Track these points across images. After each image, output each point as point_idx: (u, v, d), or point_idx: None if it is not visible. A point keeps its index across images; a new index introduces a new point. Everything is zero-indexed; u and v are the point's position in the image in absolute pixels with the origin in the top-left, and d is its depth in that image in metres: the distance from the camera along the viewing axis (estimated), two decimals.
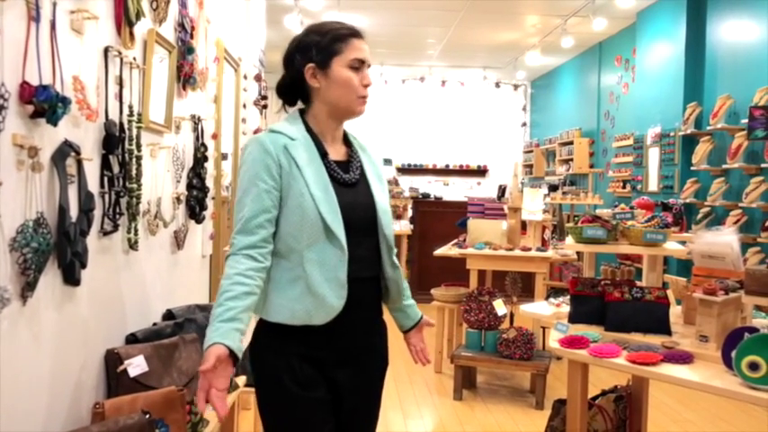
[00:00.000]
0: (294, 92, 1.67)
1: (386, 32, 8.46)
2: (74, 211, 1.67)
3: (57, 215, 1.60)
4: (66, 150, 1.64)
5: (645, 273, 3.05)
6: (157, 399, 1.91)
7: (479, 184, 11.83)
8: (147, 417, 1.77)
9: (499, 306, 4.23)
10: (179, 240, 2.71)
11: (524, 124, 12.12)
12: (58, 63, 1.60)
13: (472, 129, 11.72)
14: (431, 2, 7.18)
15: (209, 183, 3.13)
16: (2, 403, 1.43)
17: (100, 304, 1.94)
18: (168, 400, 1.93)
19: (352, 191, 1.63)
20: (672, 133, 6.38)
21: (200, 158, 2.91)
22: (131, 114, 2.07)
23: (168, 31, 2.48)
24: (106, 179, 1.93)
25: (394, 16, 7.82)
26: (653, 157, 6.81)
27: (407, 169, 11.61)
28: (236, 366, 1.43)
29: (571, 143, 9.25)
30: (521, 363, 4.07)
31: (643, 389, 2.74)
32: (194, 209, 2.87)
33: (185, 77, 2.67)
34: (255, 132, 4.72)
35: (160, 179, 2.45)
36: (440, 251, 4.95)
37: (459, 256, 4.61)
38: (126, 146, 2.04)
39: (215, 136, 3.39)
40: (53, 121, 1.53)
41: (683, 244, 2.94)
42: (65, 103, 1.55)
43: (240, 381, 2.69)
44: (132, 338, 2.13)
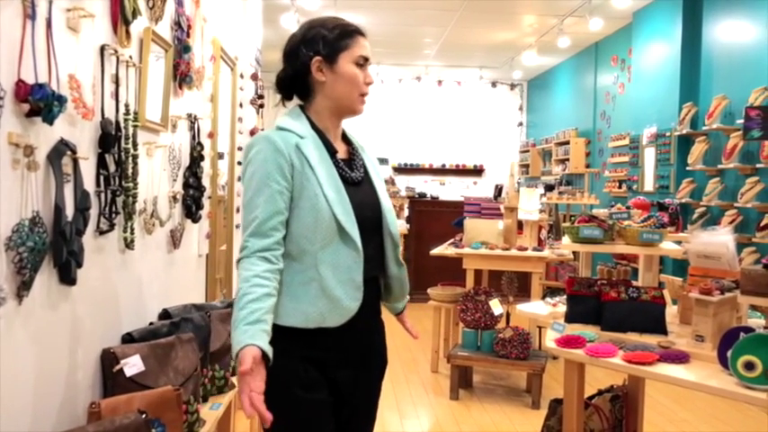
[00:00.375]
0: (295, 86, 1.64)
1: (382, 32, 8.45)
2: (70, 210, 1.66)
3: (52, 214, 1.59)
4: (62, 149, 1.63)
5: (641, 273, 3.05)
6: (154, 398, 1.90)
7: (476, 183, 11.84)
8: (144, 416, 1.76)
9: (495, 306, 4.24)
10: (175, 239, 2.71)
11: (521, 124, 12.14)
12: (53, 61, 1.59)
13: (469, 128, 11.74)
14: (427, 1, 7.18)
15: (205, 182, 3.13)
16: None
17: (96, 303, 1.93)
18: (165, 399, 1.93)
19: (359, 190, 1.61)
20: (668, 133, 6.40)
21: (196, 157, 2.90)
22: (127, 113, 2.07)
23: (165, 29, 2.47)
24: (102, 178, 1.92)
25: (391, 16, 7.82)
26: (649, 157, 6.83)
27: (404, 169, 11.61)
28: (230, 366, 1.42)
29: (567, 143, 9.27)
30: (517, 362, 4.07)
31: (639, 388, 2.75)
32: (190, 208, 2.86)
33: (182, 76, 2.66)
34: (252, 131, 4.71)
35: (156, 178, 2.45)
36: (436, 251, 4.95)
37: (456, 255, 4.61)
38: (122, 145, 2.03)
39: (211, 135, 3.39)
40: (49, 120, 1.53)
41: (678, 244, 2.95)
42: (61, 101, 1.54)
43: (236, 380, 2.68)
44: (128, 338, 2.12)
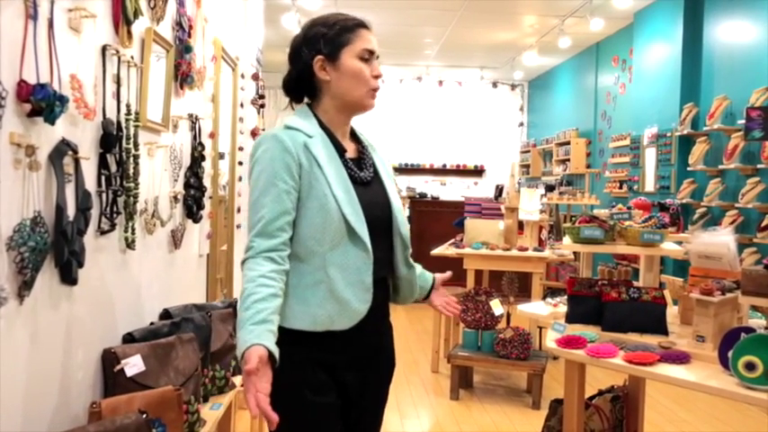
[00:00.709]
0: (301, 87, 1.61)
1: (383, 32, 8.45)
2: (71, 210, 1.67)
3: (54, 214, 1.60)
4: (64, 149, 1.63)
5: (642, 273, 3.05)
6: (154, 398, 1.90)
7: (476, 183, 11.84)
8: (144, 416, 1.76)
9: (496, 306, 4.24)
10: (176, 239, 2.71)
11: (521, 124, 12.13)
12: (55, 61, 1.59)
13: (469, 129, 11.73)
14: (428, 1, 7.18)
15: (206, 182, 3.13)
16: None
17: (97, 303, 1.93)
18: (165, 399, 1.93)
19: (368, 190, 1.57)
20: (668, 134, 6.40)
21: (197, 157, 2.90)
22: (129, 113, 2.07)
23: (166, 29, 2.47)
24: (103, 178, 1.92)
25: (391, 16, 7.82)
26: (650, 157, 6.83)
27: (405, 169, 11.61)
28: (231, 366, 1.39)
29: (568, 143, 9.26)
30: (517, 363, 4.07)
31: (640, 389, 2.75)
32: (191, 208, 2.86)
33: (183, 76, 2.66)
34: (253, 132, 4.71)
35: (157, 178, 2.45)
36: (437, 251, 4.95)
37: (456, 255, 4.61)
38: (123, 145, 2.03)
39: (212, 135, 3.39)
40: (50, 120, 1.53)
41: (679, 244, 2.94)
42: (62, 101, 1.55)
43: (237, 380, 2.68)
44: (129, 338, 2.12)
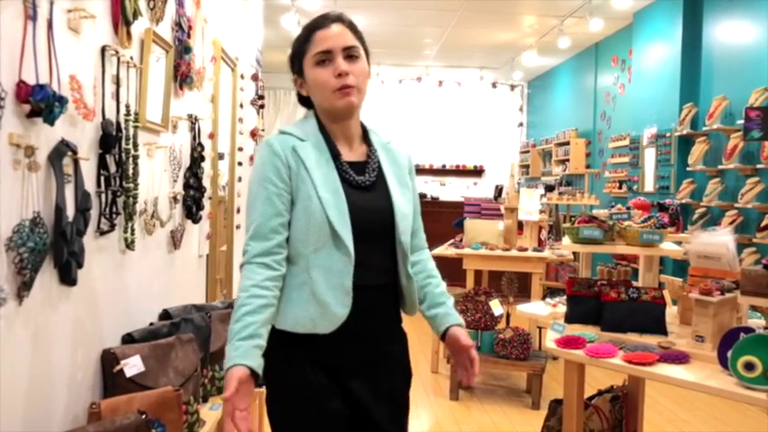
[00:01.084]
0: (302, 101, 1.64)
1: (383, 32, 8.46)
2: (70, 211, 1.67)
3: (53, 215, 1.60)
4: (63, 150, 1.64)
5: (641, 273, 3.05)
6: (154, 399, 1.90)
7: (476, 184, 11.83)
8: (144, 417, 1.77)
9: (495, 306, 4.24)
10: (176, 240, 2.71)
11: (521, 124, 12.13)
12: (54, 62, 1.60)
13: (469, 129, 11.73)
14: (428, 2, 7.19)
15: (205, 182, 3.13)
16: None
17: (96, 304, 1.93)
18: (165, 400, 1.93)
19: (367, 194, 1.55)
20: (668, 134, 6.40)
21: (196, 158, 2.90)
22: (128, 114, 2.07)
23: (165, 30, 2.47)
24: (103, 178, 1.92)
25: (391, 16, 7.82)
26: (649, 157, 6.83)
27: None
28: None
29: (567, 143, 9.26)
30: (517, 363, 4.07)
31: (639, 389, 2.75)
32: (191, 208, 2.86)
33: (182, 77, 2.67)
34: (252, 132, 4.72)
35: (157, 179, 2.45)
36: (436, 251, 4.95)
37: (456, 256, 4.61)
38: (123, 145, 2.03)
39: (212, 135, 3.39)
40: (50, 121, 1.53)
41: (679, 244, 2.95)
42: (61, 102, 1.55)
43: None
44: (129, 338, 2.13)
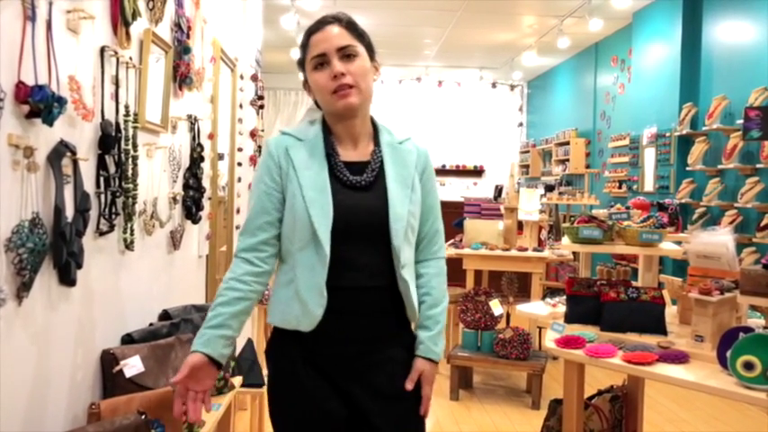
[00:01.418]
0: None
1: (382, 33, 8.45)
2: (69, 212, 1.67)
3: (52, 215, 1.60)
4: (62, 150, 1.64)
5: (641, 273, 3.05)
6: (153, 399, 1.90)
7: (476, 184, 11.83)
8: (143, 417, 1.77)
9: (495, 306, 4.24)
10: (175, 240, 2.71)
11: (521, 124, 12.13)
12: (53, 63, 1.59)
13: (469, 129, 11.73)
14: (427, 2, 7.19)
15: (205, 183, 3.13)
16: None
17: (96, 304, 1.93)
18: (164, 400, 1.93)
19: (360, 194, 1.54)
20: (667, 134, 6.40)
21: (196, 158, 2.90)
22: (127, 114, 2.07)
23: (164, 30, 2.47)
24: (102, 179, 1.92)
25: (390, 16, 7.82)
26: (649, 157, 6.83)
27: None
28: (230, 368, 1.42)
29: (567, 143, 9.27)
30: (517, 363, 4.07)
31: (639, 389, 2.75)
32: (190, 209, 2.86)
33: (182, 77, 2.66)
34: (252, 132, 4.72)
35: (156, 179, 2.45)
36: None
37: (456, 256, 4.61)
38: (122, 146, 2.03)
39: (211, 136, 3.39)
40: (49, 121, 1.53)
41: (678, 244, 2.95)
42: (60, 103, 1.55)
43: (236, 381, 2.68)
44: (128, 339, 2.12)
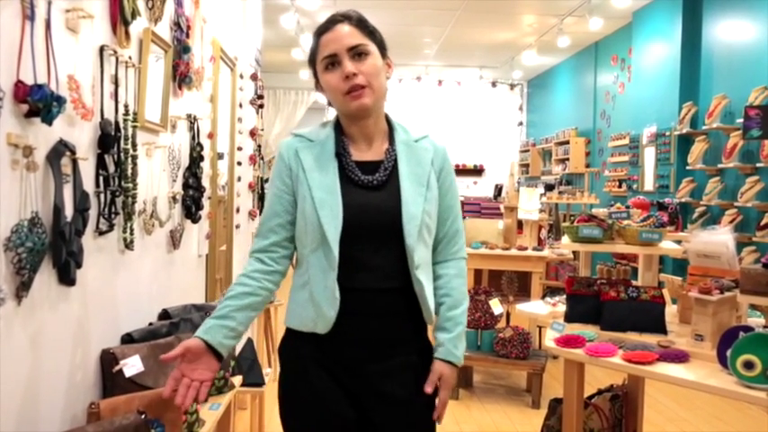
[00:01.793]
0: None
1: (382, 32, 8.34)
2: (69, 211, 1.66)
3: (52, 215, 1.59)
4: (62, 150, 1.63)
5: (641, 272, 3.05)
6: (153, 399, 1.90)
7: (476, 183, 11.84)
8: (143, 417, 1.76)
9: (495, 305, 4.24)
10: (175, 240, 2.71)
11: (521, 124, 12.13)
12: (52, 62, 1.59)
13: (469, 128, 11.73)
14: (427, 1, 7.19)
15: (205, 182, 3.13)
16: None
17: (95, 304, 1.93)
18: (164, 400, 1.92)
19: (372, 193, 1.52)
20: (667, 133, 6.40)
21: (196, 158, 2.90)
22: (127, 113, 2.07)
23: (164, 30, 2.47)
24: (101, 178, 1.92)
25: (390, 16, 7.81)
26: (649, 156, 6.83)
27: None
28: (230, 367, 1.41)
29: (567, 143, 9.27)
30: (517, 362, 4.07)
31: (639, 388, 2.75)
32: (190, 208, 2.86)
33: (181, 77, 2.66)
34: (251, 132, 4.71)
35: (156, 178, 2.45)
36: None
37: None
38: (121, 145, 2.03)
39: (211, 135, 3.39)
40: (48, 121, 1.53)
41: (678, 243, 2.95)
42: (60, 102, 1.54)
43: (236, 381, 2.68)
44: (128, 338, 2.12)
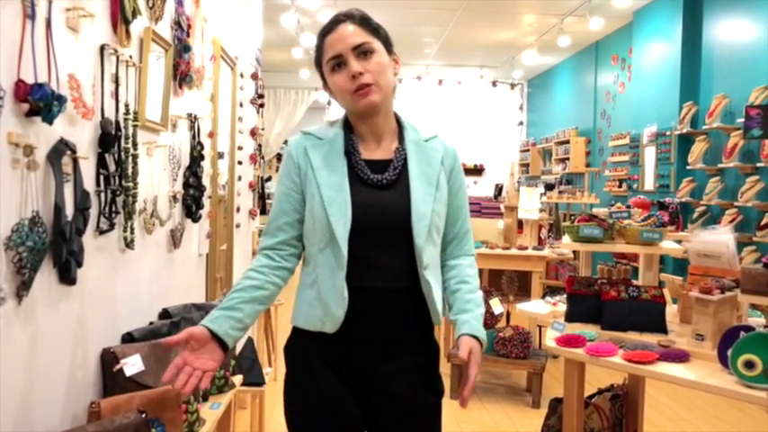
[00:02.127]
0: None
1: None
2: (69, 210, 1.66)
3: (52, 214, 1.59)
4: (62, 149, 1.63)
5: (641, 272, 3.05)
6: (154, 398, 1.90)
7: (476, 182, 11.83)
8: (144, 416, 1.76)
9: (496, 305, 4.24)
10: (175, 239, 2.71)
11: (521, 123, 12.13)
12: (53, 61, 1.59)
13: (469, 128, 11.72)
14: (427, 1, 7.19)
15: (205, 181, 3.13)
16: None
17: (96, 303, 1.93)
18: (164, 399, 1.93)
19: (382, 192, 1.51)
20: (668, 132, 6.40)
21: (196, 157, 2.90)
22: (127, 113, 2.07)
23: (165, 29, 2.47)
24: (102, 178, 1.91)
25: (391, 15, 7.81)
26: (649, 156, 6.83)
27: None
28: (230, 366, 1.40)
29: (567, 142, 9.27)
30: (517, 362, 4.07)
31: (639, 387, 2.75)
32: (191, 207, 2.86)
33: (182, 76, 2.66)
34: (252, 131, 4.71)
35: (156, 178, 2.45)
36: None
37: None
38: (122, 144, 2.03)
39: (211, 134, 3.39)
40: (48, 120, 1.52)
41: (679, 243, 2.95)
42: (60, 101, 1.54)
43: (237, 380, 2.68)
44: (128, 337, 2.12)
